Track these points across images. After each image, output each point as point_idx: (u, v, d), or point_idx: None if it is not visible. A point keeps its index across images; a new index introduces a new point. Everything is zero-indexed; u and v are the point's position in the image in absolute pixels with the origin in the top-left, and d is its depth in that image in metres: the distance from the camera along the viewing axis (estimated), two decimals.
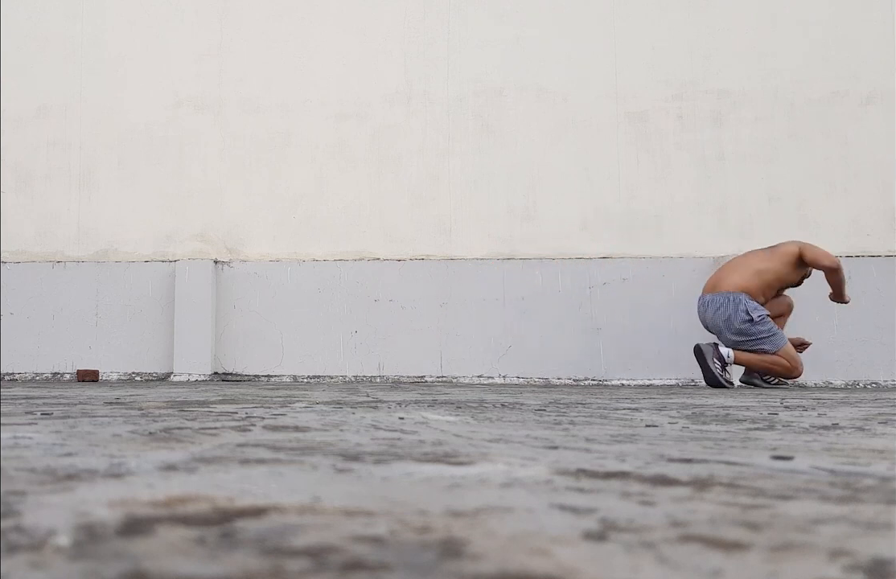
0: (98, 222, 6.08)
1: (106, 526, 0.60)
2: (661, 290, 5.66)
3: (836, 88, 5.87)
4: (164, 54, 6.20)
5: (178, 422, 1.60)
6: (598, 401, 2.85)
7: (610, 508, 0.69)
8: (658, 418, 1.88)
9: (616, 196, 5.89)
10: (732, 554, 0.53)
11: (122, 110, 6.16)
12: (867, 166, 5.79)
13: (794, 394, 3.82)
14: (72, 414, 1.85)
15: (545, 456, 1.07)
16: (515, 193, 5.93)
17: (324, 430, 1.45)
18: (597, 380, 5.63)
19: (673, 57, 5.98)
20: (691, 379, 5.59)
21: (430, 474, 0.89)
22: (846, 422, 1.80)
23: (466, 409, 2.18)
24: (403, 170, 6.01)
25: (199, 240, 6.03)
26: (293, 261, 5.89)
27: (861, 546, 0.56)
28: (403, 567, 0.49)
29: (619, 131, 5.95)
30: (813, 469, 0.97)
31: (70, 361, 5.85)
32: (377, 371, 5.74)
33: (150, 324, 5.85)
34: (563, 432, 1.48)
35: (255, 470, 0.91)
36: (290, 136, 6.08)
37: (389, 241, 5.94)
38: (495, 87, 6.04)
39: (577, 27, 6.05)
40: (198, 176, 6.08)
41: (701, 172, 5.88)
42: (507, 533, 0.59)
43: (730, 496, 0.76)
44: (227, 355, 5.82)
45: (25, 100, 6.19)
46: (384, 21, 6.14)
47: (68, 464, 0.94)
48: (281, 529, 0.59)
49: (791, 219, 5.78)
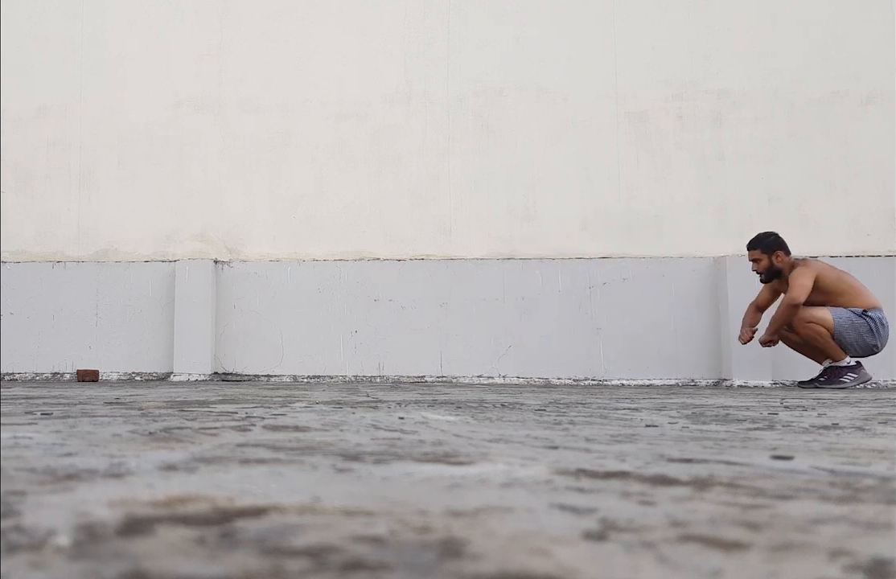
0: (98, 222, 6.08)
1: (106, 526, 0.60)
2: (661, 290, 5.66)
3: (836, 88, 5.87)
4: (164, 54, 6.20)
5: (178, 422, 1.60)
6: (598, 401, 2.85)
7: (610, 508, 0.69)
8: (658, 418, 1.88)
9: (616, 196, 5.89)
10: (732, 554, 0.53)
11: (122, 110, 6.16)
12: (867, 166, 5.79)
13: (794, 394, 3.82)
14: (72, 414, 1.85)
15: (545, 457, 1.07)
16: (515, 193, 5.93)
17: (324, 430, 1.45)
18: (597, 380, 5.63)
19: (673, 57, 5.98)
20: (691, 379, 5.60)
21: (430, 474, 0.89)
22: (846, 422, 1.80)
23: (466, 409, 2.18)
24: (403, 170, 6.01)
25: (199, 240, 6.03)
26: (293, 261, 5.89)
27: (861, 546, 0.56)
28: (403, 567, 0.49)
29: (619, 131, 5.95)
30: (813, 469, 0.96)
31: (70, 361, 5.85)
32: (377, 371, 5.74)
33: (150, 324, 5.85)
34: (563, 432, 1.48)
35: (255, 470, 0.91)
36: (290, 136, 6.08)
37: (389, 241, 5.94)
38: (495, 87, 6.04)
39: (577, 27, 6.05)
40: (198, 176, 6.08)
41: (701, 172, 5.88)
42: (507, 533, 0.59)
43: (730, 496, 0.76)
44: (227, 355, 5.82)
45: (25, 100, 6.19)
46: (384, 21, 6.14)
47: (68, 464, 0.94)
48: (281, 529, 0.59)
49: (791, 220, 5.78)
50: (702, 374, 5.60)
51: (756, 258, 4.90)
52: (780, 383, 5.47)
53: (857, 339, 4.71)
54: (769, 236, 4.92)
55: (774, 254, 4.86)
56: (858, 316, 4.69)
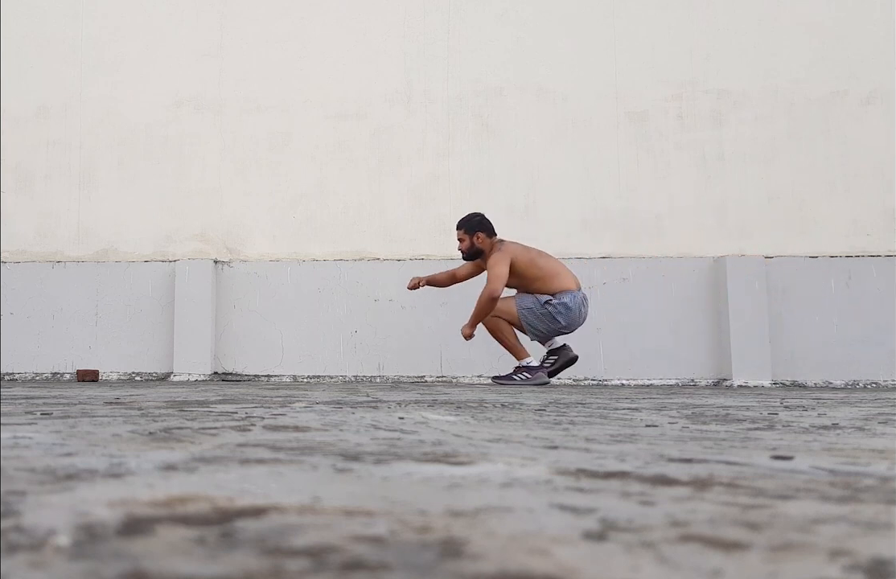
0: (98, 222, 6.08)
1: (106, 526, 0.60)
2: (661, 290, 5.66)
3: (836, 88, 5.87)
4: (164, 54, 6.20)
5: (178, 422, 1.60)
6: (598, 400, 2.85)
7: (610, 508, 0.69)
8: (658, 418, 1.88)
9: (616, 196, 5.89)
10: (732, 554, 0.53)
11: (122, 110, 6.17)
12: (867, 166, 5.79)
13: (794, 394, 3.83)
14: (72, 414, 1.85)
15: (545, 456, 1.07)
16: (515, 193, 5.93)
17: (324, 430, 1.45)
18: (597, 380, 5.63)
19: (673, 57, 5.98)
20: (691, 379, 5.60)
21: (430, 474, 0.89)
22: (846, 422, 1.80)
23: (466, 409, 2.18)
24: (403, 170, 6.01)
25: (199, 240, 6.03)
26: (293, 261, 5.90)
27: (861, 546, 0.56)
28: (403, 567, 0.49)
29: (619, 131, 5.95)
30: (813, 469, 0.96)
31: (70, 361, 5.85)
32: (377, 371, 5.74)
33: (150, 324, 5.85)
34: (563, 432, 1.48)
35: (255, 470, 0.91)
36: (290, 136, 6.09)
37: (389, 241, 5.94)
38: (495, 87, 6.04)
39: (577, 27, 6.05)
40: (198, 176, 6.09)
41: (701, 172, 5.88)
42: (507, 532, 0.59)
43: (730, 496, 0.76)
44: (227, 355, 5.82)
45: (25, 100, 6.19)
46: (384, 21, 6.15)
47: (68, 464, 0.94)
48: (281, 529, 0.59)
49: (791, 219, 5.78)
50: (702, 374, 5.60)
51: (460, 237, 5.04)
52: (780, 383, 5.47)
53: (543, 325, 4.86)
54: (474, 217, 5.04)
55: (475, 235, 4.98)
56: (542, 305, 4.83)
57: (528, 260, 4.89)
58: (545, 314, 4.82)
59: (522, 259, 4.87)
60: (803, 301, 5.58)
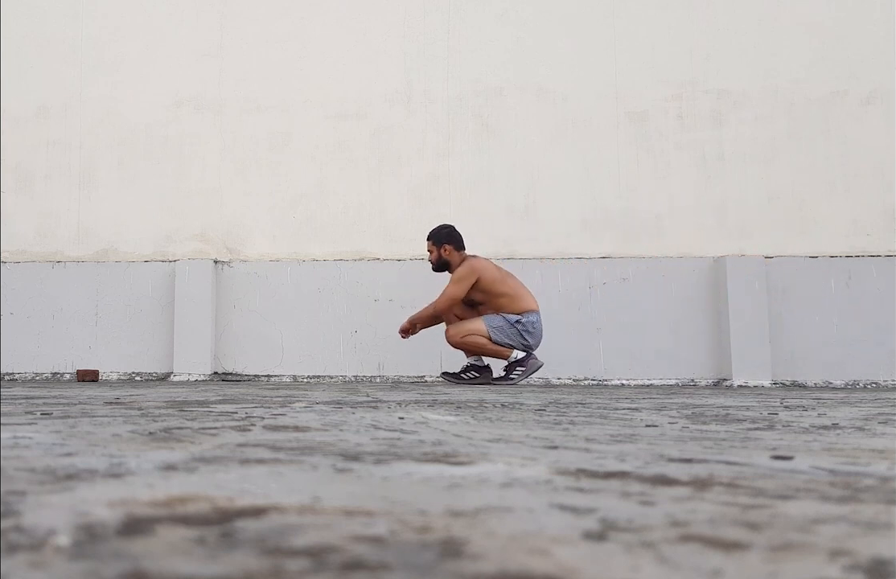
0: (98, 222, 6.08)
1: (106, 526, 0.60)
2: (661, 290, 5.66)
3: (836, 88, 5.87)
4: (164, 54, 6.20)
5: (178, 422, 1.60)
6: (598, 400, 2.85)
7: (610, 508, 0.69)
8: (658, 418, 1.88)
9: (616, 196, 5.89)
10: (732, 554, 0.53)
11: (122, 110, 6.17)
12: (867, 166, 5.79)
13: (794, 394, 3.83)
14: (72, 414, 1.85)
15: (545, 456, 1.07)
16: (515, 193, 5.93)
17: (324, 430, 1.45)
18: (597, 380, 5.63)
19: (673, 57, 5.98)
20: (691, 379, 5.60)
21: (430, 474, 0.89)
22: (846, 422, 1.80)
23: (466, 409, 2.18)
24: (403, 170, 6.01)
25: (199, 240, 6.03)
26: (293, 261, 5.90)
27: (861, 546, 0.56)
28: (403, 567, 0.49)
29: (619, 131, 5.95)
30: (813, 469, 0.96)
31: (70, 361, 5.85)
32: (377, 371, 5.74)
33: (150, 324, 5.85)
34: (563, 432, 1.48)
35: (255, 470, 0.91)
36: (290, 136, 6.09)
37: (389, 241, 5.94)
38: (495, 87, 6.04)
39: (577, 27, 6.05)
40: (198, 176, 6.09)
41: (701, 172, 5.88)
42: (507, 532, 0.59)
43: (730, 496, 0.76)
44: (227, 355, 5.82)
45: (25, 100, 6.19)
46: (384, 21, 6.15)
47: (68, 464, 0.94)
48: (281, 529, 0.59)
49: (791, 219, 5.78)
50: (702, 374, 5.60)
51: (429, 249, 5.11)
52: (780, 383, 5.48)
53: (513, 340, 4.96)
54: (442, 229, 5.09)
55: (442, 247, 5.04)
56: (511, 324, 4.94)
57: (494, 278, 4.97)
58: (515, 333, 4.94)
59: (488, 277, 4.95)
60: (803, 301, 5.58)
